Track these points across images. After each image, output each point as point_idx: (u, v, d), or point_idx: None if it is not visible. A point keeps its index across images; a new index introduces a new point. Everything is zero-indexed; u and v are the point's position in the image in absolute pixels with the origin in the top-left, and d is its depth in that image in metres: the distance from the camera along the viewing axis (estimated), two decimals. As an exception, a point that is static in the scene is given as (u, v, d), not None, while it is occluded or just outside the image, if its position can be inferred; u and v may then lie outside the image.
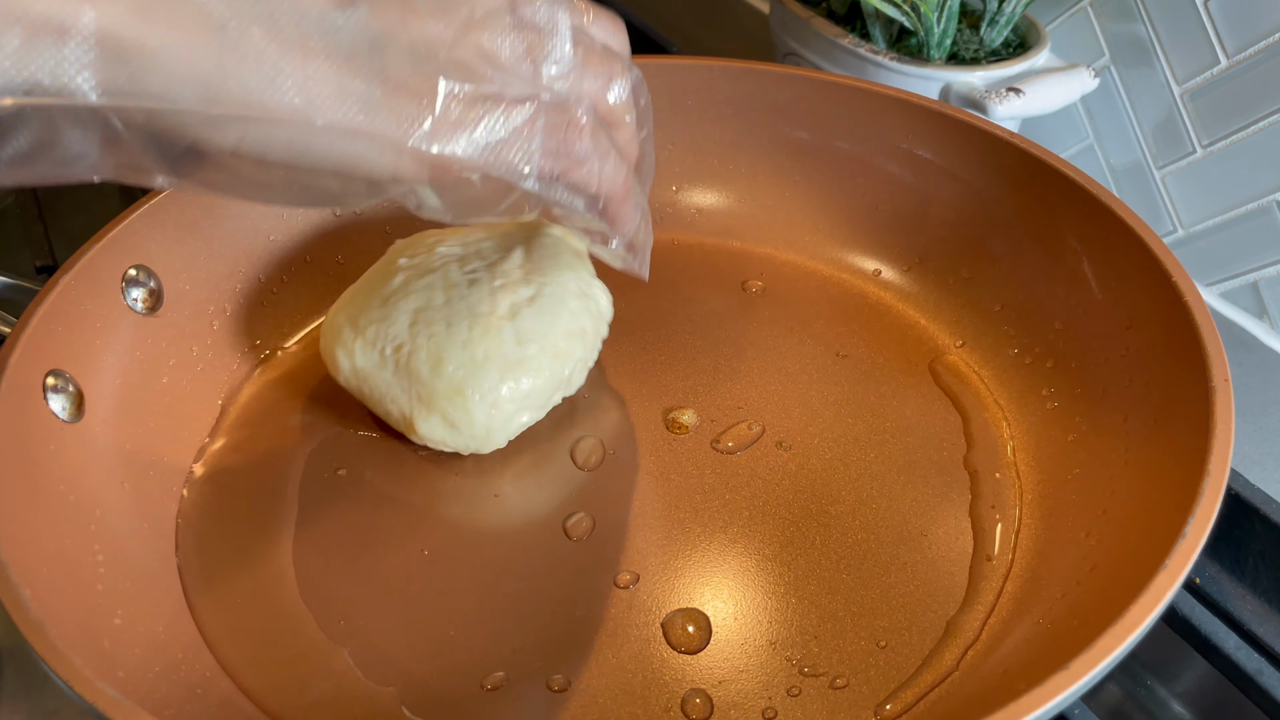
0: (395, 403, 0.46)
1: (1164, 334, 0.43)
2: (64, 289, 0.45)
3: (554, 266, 0.48)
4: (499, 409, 0.46)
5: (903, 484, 0.47)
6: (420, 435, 0.46)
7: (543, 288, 0.47)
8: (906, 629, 0.42)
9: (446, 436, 0.46)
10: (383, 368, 0.46)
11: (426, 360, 0.45)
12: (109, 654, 0.36)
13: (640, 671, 0.40)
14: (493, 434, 0.46)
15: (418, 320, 0.46)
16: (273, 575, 0.44)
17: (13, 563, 0.35)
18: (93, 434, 0.44)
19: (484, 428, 0.46)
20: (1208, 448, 0.37)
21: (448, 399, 0.45)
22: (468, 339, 0.45)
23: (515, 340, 0.46)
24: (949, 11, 0.62)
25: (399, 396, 0.46)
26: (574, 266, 0.49)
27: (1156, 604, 0.32)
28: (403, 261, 0.49)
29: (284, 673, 0.40)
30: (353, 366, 0.47)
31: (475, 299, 0.46)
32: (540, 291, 0.47)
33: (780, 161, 0.60)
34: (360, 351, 0.47)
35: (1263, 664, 0.43)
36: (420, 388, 0.45)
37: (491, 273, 0.48)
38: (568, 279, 0.48)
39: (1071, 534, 0.42)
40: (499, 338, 0.45)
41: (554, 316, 0.47)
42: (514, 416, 0.47)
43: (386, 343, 0.46)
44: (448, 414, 0.45)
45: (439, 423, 0.46)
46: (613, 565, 0.44)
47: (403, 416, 0.46)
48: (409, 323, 0.46)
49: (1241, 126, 0.60)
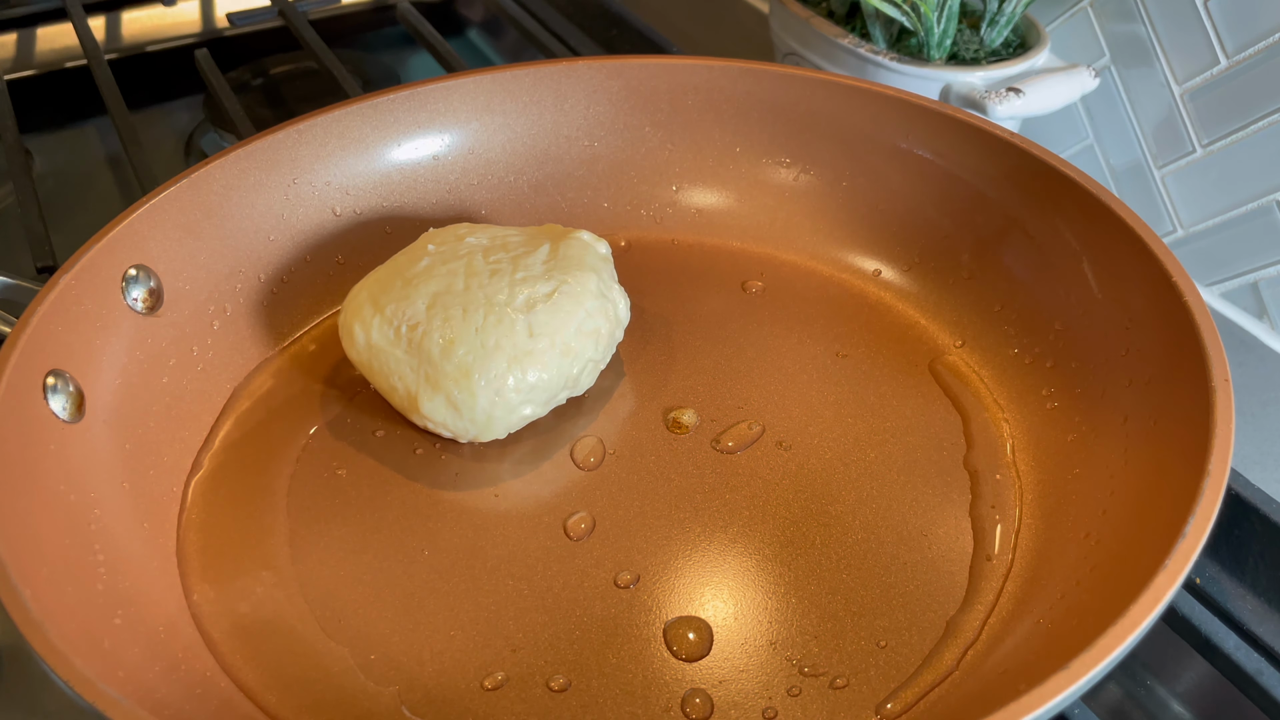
0: (402, 380, 0.47)
1: (1164, 334, 0.43)
2: (64, 289, 0.45)
3: (577, 266, 0.49)
4: (502, 397, 0.46)
5: (903, 484, 0.47)
6: (422, 415, 0.47)
7: (562, 285, 0.48)
8: (906, 629, 0.42)
9: (448, 419, 0.47)
10: (395, 345, 0.47)
11: (439, 342, 0.46)
12: (109, 654, 0.36)
13: (640, 672, 0.40)
14: (494, 422, 0.47)
15: (436, 303, 0.47)
16: (273, 575, 0.44)
17: (13, 563, 0.35)
18: (93, 434, 0.44)
19: (485, 414, 0.46)
20: (1208, 448, 0.37)
21: (454, 381, 0.46)
22: (481, 326, 0.46)
23: (527, 332, 0.47)
24: (949, 11, 0.62)
25: (407, 374, 0.47)
26: (597, 269, 0.50)
27: (1156, 604, 0.32)
28: (431, 247, 0.50)
29: (284, 673, 0.40)
30: (367, 341, 0.48)
31: (494, 288, 0.47)
32: (559, 289, 0.48)
33: (780, 161, 0.60)
34: (376, 327, 0.48)
35: (1262, 664, 0.43)
36: (429, 368, 0.46)
37: (514, 265, 0.49)
38: (588, 279, 0.49)
39: (1071, 534, 0.42)
40: (511, 328, 0.46)
41: (568, 314, 0.48)
42: (517, 407, 0.47)
43: (403, 321, 0.47)
44: (452, 396, 0.46)
45: (442, 403, 0.47)
46: (613, 565, 0.44)
47: (408, 394, 0.47)
48: (427, 305, 0.47)
49: (1241, 126, 0.60)
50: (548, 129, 0.61)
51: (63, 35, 0.89)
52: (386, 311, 0.48)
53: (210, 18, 0.94)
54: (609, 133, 0.61)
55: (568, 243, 0.50)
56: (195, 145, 0.83)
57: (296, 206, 0.56)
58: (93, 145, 0.83)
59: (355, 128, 0.57)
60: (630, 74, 0.60)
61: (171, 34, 0.92)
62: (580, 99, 0.61)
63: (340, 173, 0.57)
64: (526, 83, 0.60)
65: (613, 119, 0.61)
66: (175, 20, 0.93)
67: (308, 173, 0.56)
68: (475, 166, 0.60)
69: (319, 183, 0.56)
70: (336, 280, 0.57)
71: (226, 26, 0.91)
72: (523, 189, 0.61)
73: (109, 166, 0.80)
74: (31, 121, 0.79)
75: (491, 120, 0.60)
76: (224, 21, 0.92)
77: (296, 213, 0.56)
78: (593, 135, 0.61)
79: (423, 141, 0.59)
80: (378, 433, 0.50)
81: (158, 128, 0.85)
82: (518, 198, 0.61)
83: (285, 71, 0.89)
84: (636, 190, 0.62)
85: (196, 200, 0.51)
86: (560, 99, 0.61)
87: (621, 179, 0.62)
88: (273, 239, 0.55)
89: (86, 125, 0.85)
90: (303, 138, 0.56)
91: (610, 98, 0.61)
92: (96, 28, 0.89)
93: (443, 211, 0.59)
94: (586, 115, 0.61)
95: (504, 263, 0.49)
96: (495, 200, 0.60)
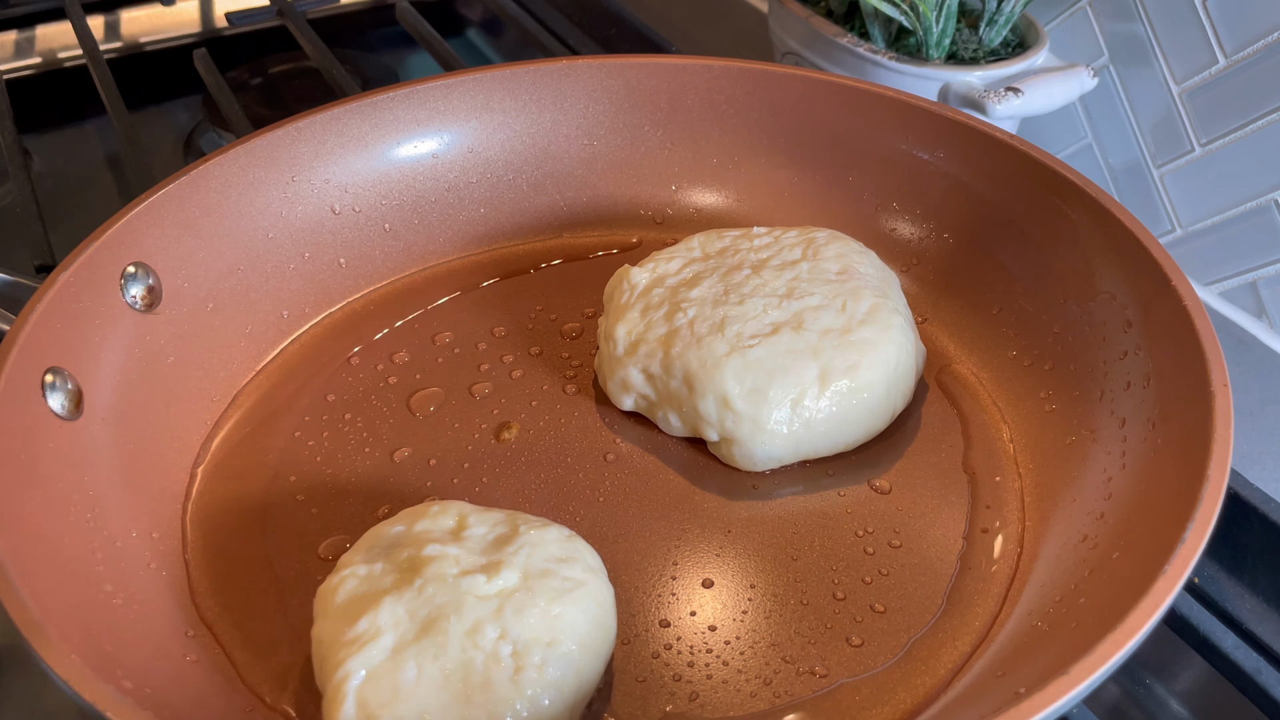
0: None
1: (1163, 338, 0.43)
2: (63, 286, 0.45)
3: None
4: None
5: (901, 485, 0.47)
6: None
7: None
8: (905, 631, 0.42)
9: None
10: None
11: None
12: (109, 654, 0.36)
13: (640, 672, 0.40)
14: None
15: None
16: (273, 575, 0.44)
17: (13, 563, 0.35)
18: (91, 432, 0.44)
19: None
20: (1207, 452, 0.37)
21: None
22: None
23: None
24: (948, 11, 0.62)
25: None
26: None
27: (1156, 609, 0.32)
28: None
29: (285, 672, 0.40)
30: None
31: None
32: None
33: (780, 161, 0.60)
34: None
35: (1261, 663, 0.43)
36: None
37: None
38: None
39: (1070, 538, 0.42)
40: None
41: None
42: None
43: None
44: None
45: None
46: (610, 565, 0.44)
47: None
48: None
49: (1240, 125, 0.60)
50: (547, 128, 0.61)
51: (62, 34, 0.89)
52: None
53: (209, 17, 0.93)
54: (608, 132, 0.61)
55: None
56: (194, 144, 0.82)
57: (295, 204, 0.56)
58: (91, 144, 0.83)
59: (354, 126, 0.57)
60: (630, 74, 0.60)
61: (170, 33, 0.92)
62: (580, 98, 0.61)
63: (339, 171, 0.57)
64: (526, 82, 0.60)
65: (612, 118, 0.61)
66: (174, 20, 0.93)
67: (306, 171, 0.56)
68: (474, 165, 0.60)
69: (318, 181, 0.56)
70: (336, 280, 0.57)
71: (225, 26, 0.90)
72: (522, 188, 0.61)
73: (108, 165, 0.80)
74: (30, 121, 0.79)
75: (491, 119, 0.60)
76: (223, 21, 0.92)
77: (295, 210, 0.56)
78: (592, 134, 0.61)
79: (422, 140, 0.59)
80: (378, 432, 0.50)
81: (156, 127, 0.85)
82: (517, 196, 0.61)
83: (284, 71, 0.88)
84: (636, 190, 0.62)
85: (195, 198, 0.51)
86: (560, 98, 0.60)
87: (621, 178, 0.61)
88: (271, 236, 0.55)
89: (85, 124, 0.85)
90: (301, 135, 0.55)
91: (610, 97, 0.61)
92: (95, 27, 0.89)
93: (442, 210, 0.59)
94: (586, 114, 0.61)
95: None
96: (494, 199, 0.60)
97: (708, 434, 0.47)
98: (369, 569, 0.39)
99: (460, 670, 0.35)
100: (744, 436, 0.46)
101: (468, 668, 0.36)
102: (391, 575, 0.38)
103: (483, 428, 0.50)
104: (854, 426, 0.47)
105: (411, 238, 0.59)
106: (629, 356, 0.48)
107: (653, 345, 0.48)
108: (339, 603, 0.38)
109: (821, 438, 0.47)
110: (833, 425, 0.47)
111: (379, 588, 0.38)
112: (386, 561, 0.39)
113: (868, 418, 0.47)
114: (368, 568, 0.39)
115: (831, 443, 0.47)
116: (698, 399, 0.46)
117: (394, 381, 0.53)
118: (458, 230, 0.60)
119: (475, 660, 0.36)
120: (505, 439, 0.50)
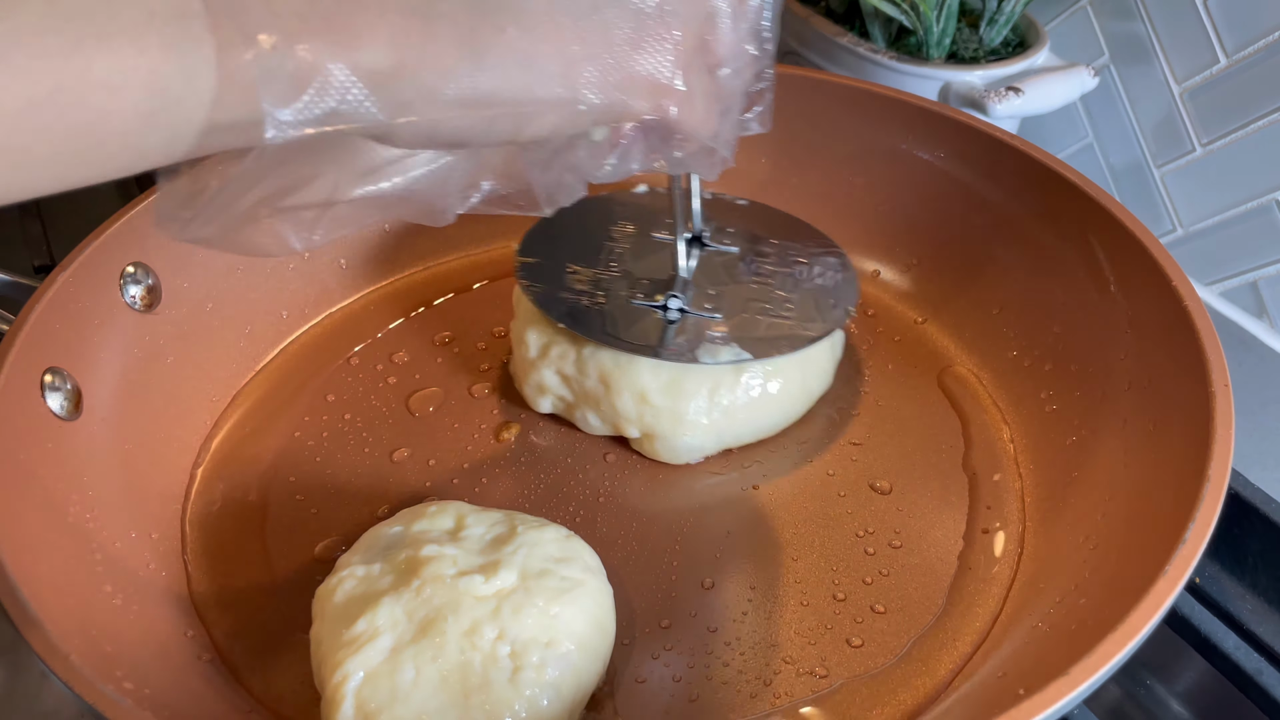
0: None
1: (1163, 338, 0.43)
2: (62, 286, 0.45)
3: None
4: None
5: (902, 486, 0.47)
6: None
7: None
8: (905, 632, 0.42)
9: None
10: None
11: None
12: (109, 655, 0.36)
13: (640, 673, 0.40)
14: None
15: None
16: (274, 575, 0.44)
17: (12, 562, 0.35)
18: (91, 432, 0.44)
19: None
20: (1207, 453, 0.37)
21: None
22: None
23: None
24: (948, 10, 0.62)
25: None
26: None
27: (1157, 610, 0.32)
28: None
29: (285, 673, 0.40)
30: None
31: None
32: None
33: (779, 162, 0.60)
34: None
35: (1262, 663, 0.43)
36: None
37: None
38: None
39: (1070, 538, 0.42)
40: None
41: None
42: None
43: None
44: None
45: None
46: (609, 565, 0.44)
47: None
48: None
49: (1241, 125, 0.60)
50: (547, 127, 0.61)
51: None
52: None
53: (209, 15, 0.93)
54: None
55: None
56: (193, 143, 0.82)
57: (295, 205, 0.55)
58: (91, 143, 0.82)
59: (354, 126, 0.57)
60: (630, 73, 0.60)
61: (170, 31, 0.91)
62: (580, 97, 0.60)
63: (339, 171, 0.57)
64: (526, 81, 0.60)
65: (612, 118, 0.61)
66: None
67: (306, 171, 0.56)
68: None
69: (318, 181, 0.56)
70: (336, 280, 0.56)
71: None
72: (522, 187, 0.61)
73: (107, 164, 0.80)
74: (29, 119, 0.79)
75: (491, 118, 0.60)
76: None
77: (295, 211, 0.55)
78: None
79: (422, 140, 0.59)
80: (376, 432, 0.50)
81: (156, 125, 0.85)
82: (517, 196, 0.61)
83: (284, 69, 0.88)
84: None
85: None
86: (560, 97, 0.60)
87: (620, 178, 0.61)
88: (271, 237, 0.55)
89: (84, 123, 0.84)
90: (301, 136, 0.55)
91: (610, 96, 0.60)
92: (94, 24, 0.89)
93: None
94: (586, 114, 0.61)
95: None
96: (494, 199, 0.60)
97: (628, 430, 0.48)
98: (367, 570, 0.39)
99: (458, 671, 0.35)
100: (665, 431, 0.47)
101: (466, 668, 0.36)
102: (389, 576, 0.38)
103: (482, 428, 0.50)
104: (773, 413, 0.48)
105: (411, 238, 0.59)
106: (542, 359, 0.48)
107: (565, 346, 0.48)
108: (337, 604, 0.38)
109: (743, 424, 0.48)
110: (753, 412, 0.47)
111: (377, 588, 0.38)
112: (384, 562, 0.39)
113: (786, 403, 0.48)
114: (366, 568, 0.39)
115: (754, 429, 0.48)
116: (615, 396, 0.47)
117: (393, 381, 0.53)
118: (457, 230, 0.60)
119: (473, 661, 0.36)
120: (505, 439, 0.50)
